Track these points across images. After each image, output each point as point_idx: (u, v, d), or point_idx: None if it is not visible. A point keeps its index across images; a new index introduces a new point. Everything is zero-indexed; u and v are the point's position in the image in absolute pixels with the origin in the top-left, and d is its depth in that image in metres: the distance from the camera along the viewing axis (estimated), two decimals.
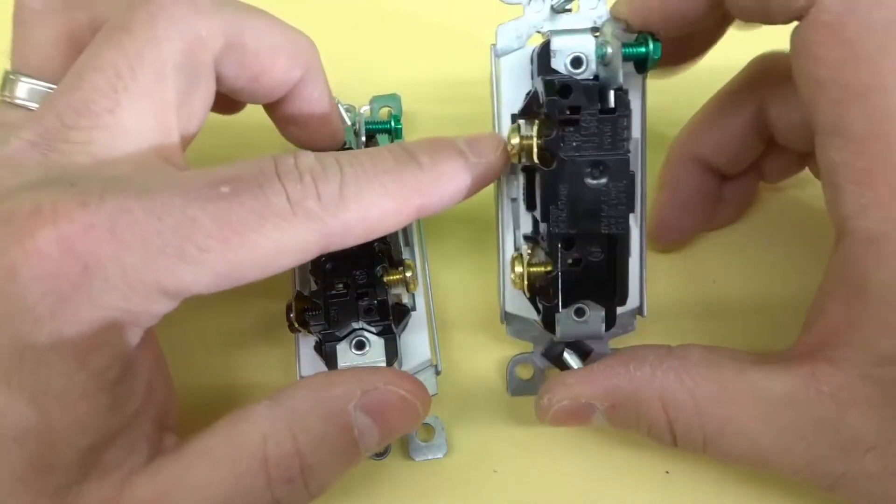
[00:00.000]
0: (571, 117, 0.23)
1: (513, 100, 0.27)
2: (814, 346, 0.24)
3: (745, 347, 0.30)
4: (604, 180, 0.24)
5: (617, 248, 0.24)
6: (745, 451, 0.23)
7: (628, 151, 0.24)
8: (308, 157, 0.23)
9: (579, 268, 0.25)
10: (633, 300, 0.27)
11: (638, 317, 0.28)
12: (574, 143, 0.24)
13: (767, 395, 0.23)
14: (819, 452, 0.23)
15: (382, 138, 0.32)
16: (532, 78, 0.27)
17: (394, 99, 0.34)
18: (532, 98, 0.26)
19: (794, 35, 0.22)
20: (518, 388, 0.30)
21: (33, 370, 0.20)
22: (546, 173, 0.24)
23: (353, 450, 0.23)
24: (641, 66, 0.25)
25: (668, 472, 0.29)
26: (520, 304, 0.28)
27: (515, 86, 0.27)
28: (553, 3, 0.26)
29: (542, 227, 0.25)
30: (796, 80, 0.22)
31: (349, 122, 0.31)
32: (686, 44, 0.28)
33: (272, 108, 0.28)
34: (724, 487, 0.29)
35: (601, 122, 0.23)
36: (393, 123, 0.31)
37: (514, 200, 0.28)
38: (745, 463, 0.24)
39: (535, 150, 0.24)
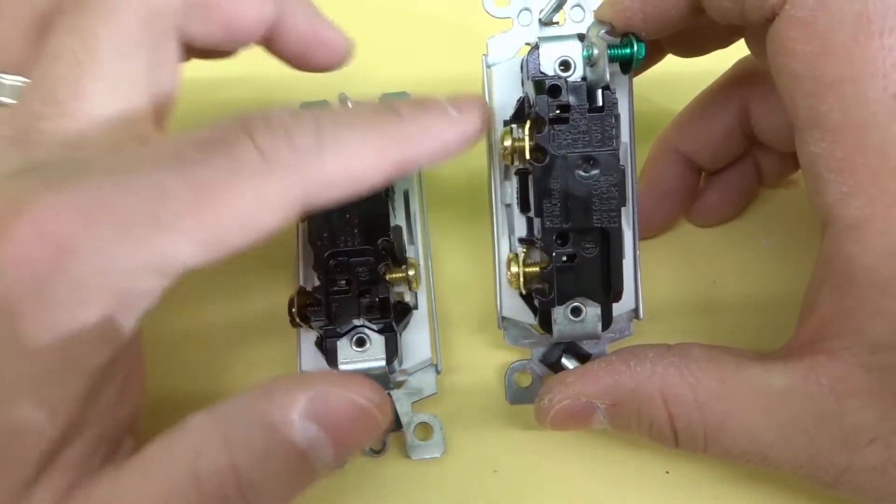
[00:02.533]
0: (561, 115, 0.25)
1: (504, 107, 0.29)
2: (810, 339, 0.24)
3: (744, 347, 0.31)
4: (594, 174, 0.25)
5: (610, 242, 0.26)
6: (746, 447, 0.24)
7: (618, 147, 0.25)
8: (280, 112, 0.23)
9: (574, 263, 0.26)
10: (628, 302, 0.29)
11: (635, 321, 0.30)
12: (565, 140, 0.26)
13: (767, 389, 0.24)
14: (821, 446, 0.23)
15: None
16: (522, 85, 0.29)
17: (403, 97, 0.35)
18: (523, 103, 0.28)
19: (770, 33, 0.23)
20: (517, 396, 0.31)
21: (8, 356, 0.20)
22: (538, 169, 0.26)
23: (303, 465, 0.21)
24: (627, 66, 0.26)
25: (668, 473, 0.30)
26: (516, 309, 0.30)
27: (507, 93, 0.29)
28: (541, 15, 0.29)
29: (537, 222, 0.27)
30: (774, 77, 0.24)
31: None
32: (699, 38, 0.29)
33: (266, 48, 0.28)
34: (724, 487, 0.30)
35: (590, 119, 0.25)
36: None
37: (507, 206, 0.29)
38: (746, 460, 0.25)
39: (526, 149, 0.26)
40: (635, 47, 0.26)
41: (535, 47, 0.26)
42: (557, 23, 0.29)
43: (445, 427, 0.31)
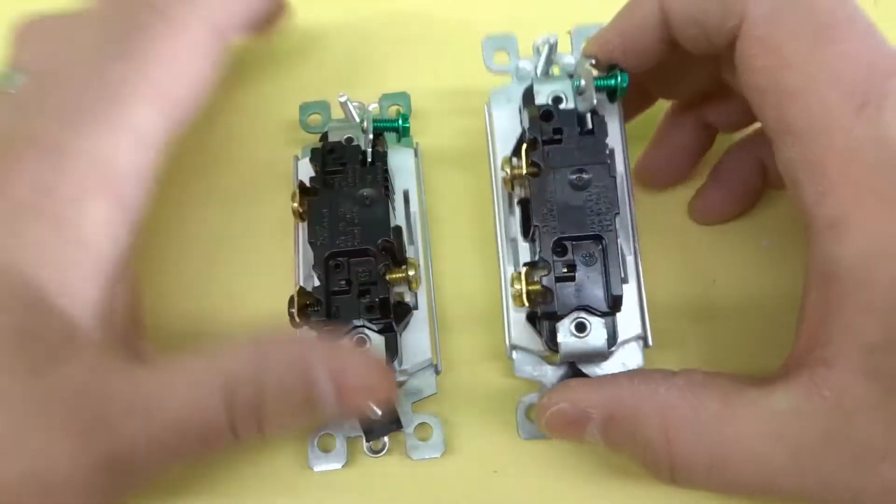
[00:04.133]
0: (555, 137, 0.28)
1: (505, 145, 0.32)
2: (805, 350, 0.25)
3: (745, 349, 0.32)
4: (587, 181, 0.28)
5: (607, 249, 0.27)
6: (753, 474, 0.24)
7: (607, 162, 0.28)
8: None
9: (574, 274, 0.28)
10: (634, 327, 0.29)
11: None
12: (557, 158, 0.28)
13: (772, 410, 0.24)
14: (832, 468, 0.23)
15: (390, 136, 0.34)
16: (520, 119, 0.32)
17: (403, 97, 0.36)
18: (520, 139, 0.31)
19: (735, 54, 0.25)
20: (529, 431, 0.31)
21: (21, 248, 0.24)
22: (535, 182, 0.28)
23: (312, 409, 0.25)
24: (613, 95, 0.29)
25: None
26: (524, 340, 0.31)
27: (507, 134, 0.32)
28: (538, 72, 0.32)
29: (535, 230, 0.28)
30: (745, 94, 0.26)
31: (357, 119, 0.32)
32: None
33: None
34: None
35: (581, 139, 0.28)
36: (401, 122, 0.33)
37: (512, 240, 0.31)
38: (752, 491, 0.24)
39: (524, 167, 0.28)
40: (619, 78, 0.29)
41: (531, 85, 0.30)
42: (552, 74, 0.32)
43: (445, 427, 0.31)
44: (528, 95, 0.30)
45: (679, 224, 0.34)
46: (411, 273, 0.30)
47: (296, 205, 0.30)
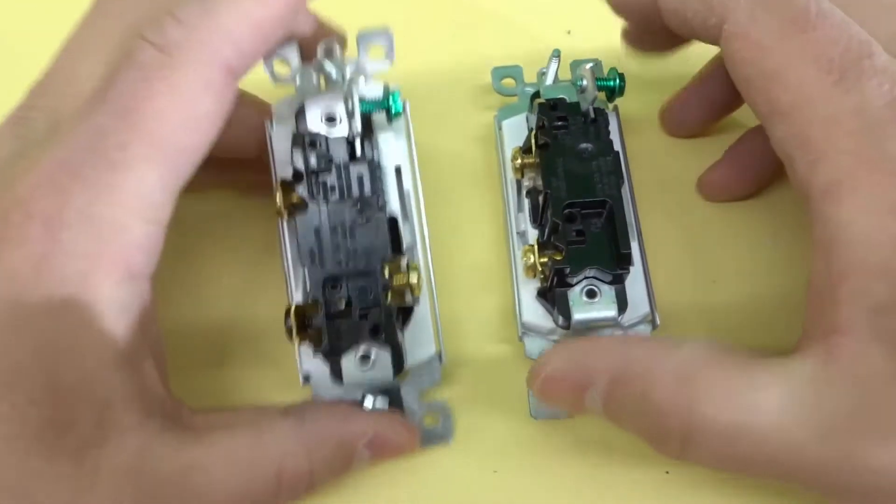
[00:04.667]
0: (561, 124, 0.30)
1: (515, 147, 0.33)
2: (816, 322, 0.24)
3: (745, 348, 0.31)
4: (594, 154, 0.29)
5: (614, 214, 0.28)
6: (774, 449, 0.22)
7: (610, 140, 0.30)
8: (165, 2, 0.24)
9: (583, 238, 0.29)
10: (642, 306, 0.30)
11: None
12: (566, 137, 0.30)
13: (794, 380, 0.22)
14: (855, 442, 0.21)
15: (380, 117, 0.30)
16: (527, 121, 0.33)
17: (384, 35, 0.29)
18: (530, 136, 0.32)
19: (722, 50, 0.27)
20: (540, 410, 0.31)
21: (35, 327, 0.22)
22: (545, 155, 0.30)
23: (347, 469, 0.27)
24: (611, 96, 0.33)
25: (668, 473, 0.30)
26: (536, 315, 0.31)
27: (515, 139, 0.34)
28: (547, 78, 0.33)
29: (545, 196, 0.29)
30: (738, 87, 0.27)
31: (333, 74, 0.28)
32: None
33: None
34: (725, 488, 0.30)
35: (586, 125, 0.30)
36: (391, 102, 0.29)
37: (521, 234, 0.32)
38: (768, 469, 0.23)
39: (533, 147, 0.30)
40: (617, 80, 0.32)
41: (538, 91, 0.33)
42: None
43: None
44: (536, 96, 0.33)
45: (678, 225, 0.34)
46: (413, 280, 0.28)
47: (280, 203, 0.27)
